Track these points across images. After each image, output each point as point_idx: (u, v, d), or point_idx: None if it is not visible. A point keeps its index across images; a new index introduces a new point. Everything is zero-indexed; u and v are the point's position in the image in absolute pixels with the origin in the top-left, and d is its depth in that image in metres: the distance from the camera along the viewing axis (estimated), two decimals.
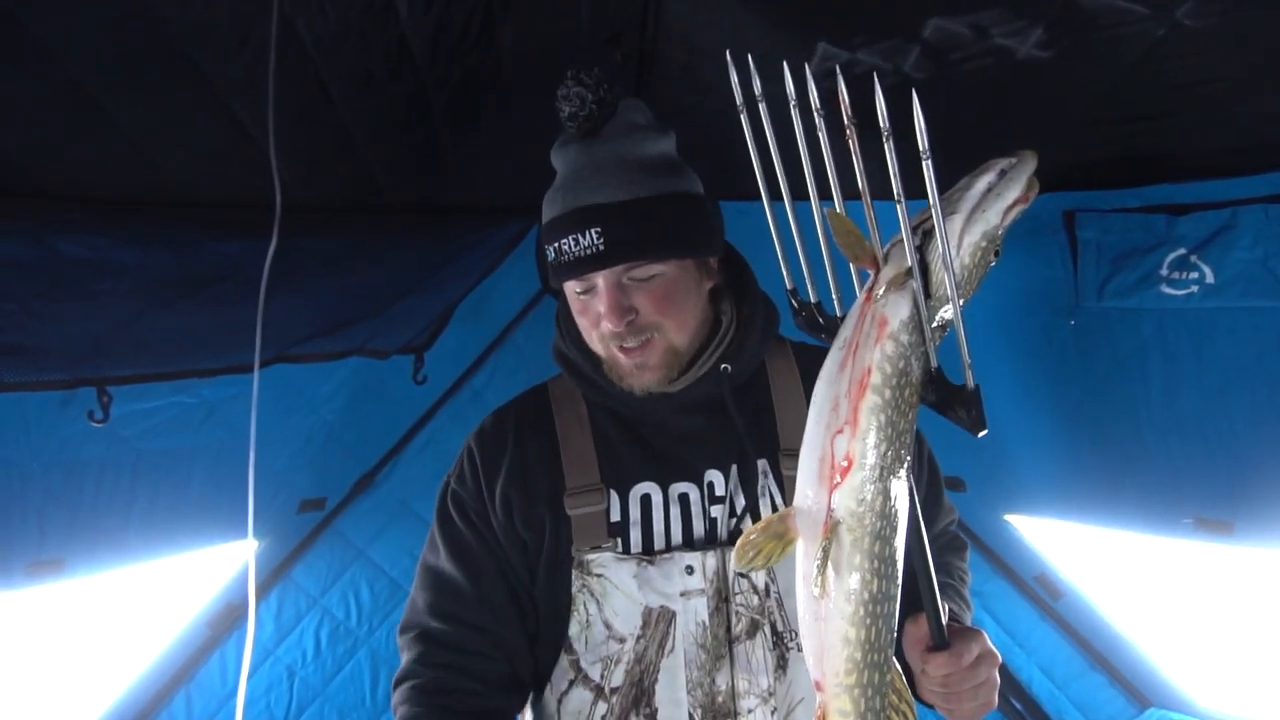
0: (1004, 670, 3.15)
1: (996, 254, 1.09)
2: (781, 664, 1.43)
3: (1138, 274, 2.10)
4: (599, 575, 1.46)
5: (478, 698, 1.49)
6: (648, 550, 1.47)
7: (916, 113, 0.99)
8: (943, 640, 1.28)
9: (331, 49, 1.56)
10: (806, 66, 1.11)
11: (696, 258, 1.47)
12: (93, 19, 1.30)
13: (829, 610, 1.08)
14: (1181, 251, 2.03)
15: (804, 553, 1.09)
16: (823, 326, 1.25)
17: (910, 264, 1.06)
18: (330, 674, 3.22)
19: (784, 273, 1.27)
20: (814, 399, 1.10)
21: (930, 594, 1.24)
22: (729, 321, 1.53)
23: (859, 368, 1.06)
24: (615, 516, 1.48)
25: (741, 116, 1.19)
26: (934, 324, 1.08)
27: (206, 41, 1.42)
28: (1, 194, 1.47)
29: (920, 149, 1.00)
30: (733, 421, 1.50)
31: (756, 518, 1.48)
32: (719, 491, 1.50)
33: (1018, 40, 1.58)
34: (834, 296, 1.22)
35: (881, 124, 1.02)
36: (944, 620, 1.28)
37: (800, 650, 1.40)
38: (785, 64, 1.12)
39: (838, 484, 1.05)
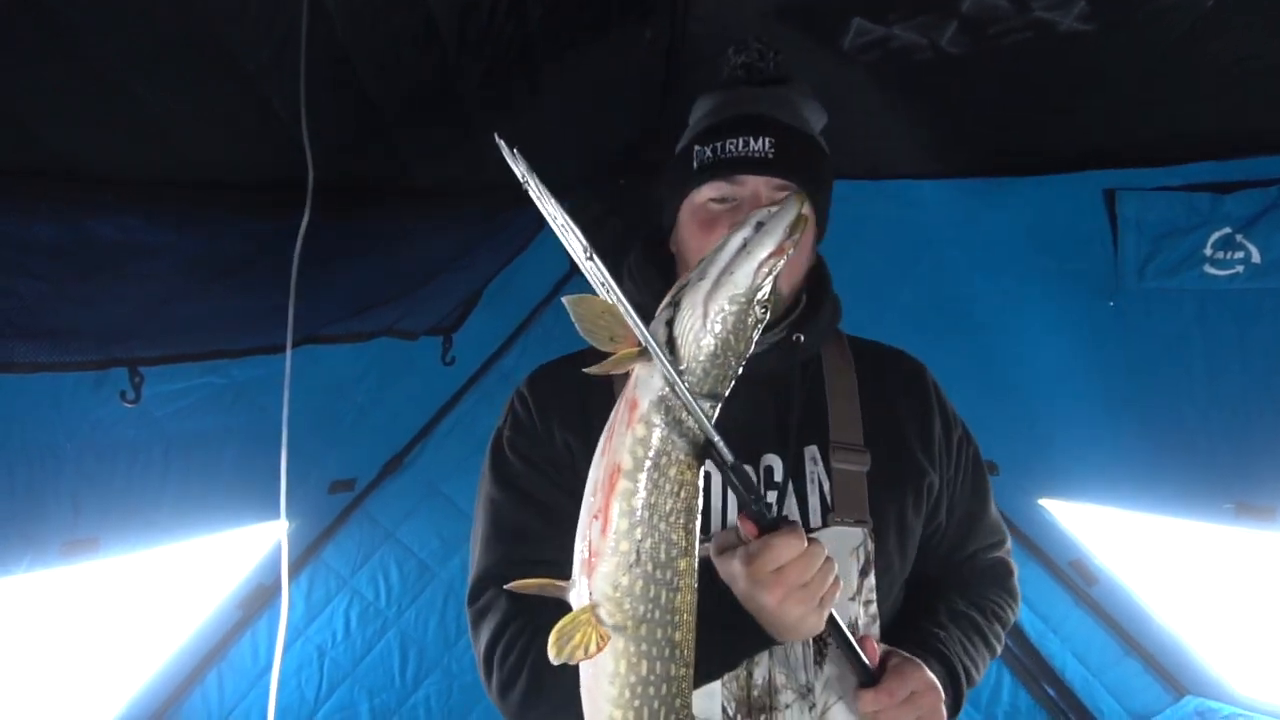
0: (1036, 656, 3.15)
1: (764, 308, 1.07)
2: (819, 659, 1.37)
3: (1180, 253, 2.05)
4: None
5: None
6: (703, 533, 1.38)
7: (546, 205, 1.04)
8: (867, 677, 1.28)
9: (361, 30, 1.55)
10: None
11: (822, 229, 1.49)
12: (124, 2, 1.29)
13: (592, 687, 1.08)
14: (1226, 230, 1.98)
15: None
16: None
17: (647, 343, 1.02)
18: (360, 654, 3.26)
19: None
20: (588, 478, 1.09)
21: (839, 632, 1.23)
22: (804, 301, 1.52)
23: (612, 455, 1.05)
24: None
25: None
26: (705, 393, 1.05)
27: (237, 23, 1.42)
28: (35, 176, 1.47)
29: (580, 253, 1.04)
30: (791, 404, 1.46)
31: (805, 506, 1.43)
32: (776, 477, 1.43)
33: (1060, 13, 1.54)
34: None
35: (581, 252, 1.04)
36: (866, 657, 1.27)
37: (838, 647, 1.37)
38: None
39: (593, 568, 1.05)
